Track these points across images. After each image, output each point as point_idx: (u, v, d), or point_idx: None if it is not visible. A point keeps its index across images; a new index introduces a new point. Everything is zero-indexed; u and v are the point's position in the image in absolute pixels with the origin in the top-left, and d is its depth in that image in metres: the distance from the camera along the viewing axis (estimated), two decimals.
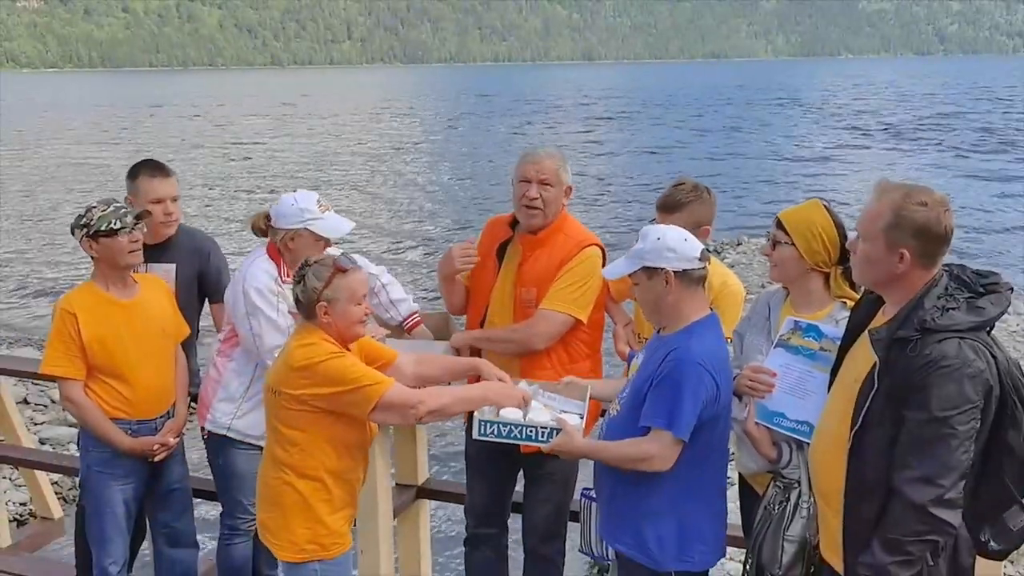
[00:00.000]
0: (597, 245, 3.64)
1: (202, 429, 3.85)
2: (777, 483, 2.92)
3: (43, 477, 5.08)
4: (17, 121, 49.65)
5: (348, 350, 3.14)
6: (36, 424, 8.38)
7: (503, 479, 3.86)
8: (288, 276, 3.63)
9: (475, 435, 3.16)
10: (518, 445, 3.53)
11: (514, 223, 3.72)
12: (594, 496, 3.47)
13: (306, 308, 3.09)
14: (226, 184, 27.16)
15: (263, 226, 3.71)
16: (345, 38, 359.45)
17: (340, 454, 3.14)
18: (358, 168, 30.73)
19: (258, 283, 3.62)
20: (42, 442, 8.03)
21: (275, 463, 3.15)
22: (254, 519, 3.83)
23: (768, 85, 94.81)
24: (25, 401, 8.69)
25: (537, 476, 3.73)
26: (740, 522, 3.29)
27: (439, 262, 3.84)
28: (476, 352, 3.69)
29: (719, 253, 14.90)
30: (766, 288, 3.30)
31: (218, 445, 3.84)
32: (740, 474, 3.25)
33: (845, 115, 50.59)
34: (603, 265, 3.64)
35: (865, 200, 2.55)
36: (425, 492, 4.29)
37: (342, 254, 3.19)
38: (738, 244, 16.24)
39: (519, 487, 3.91)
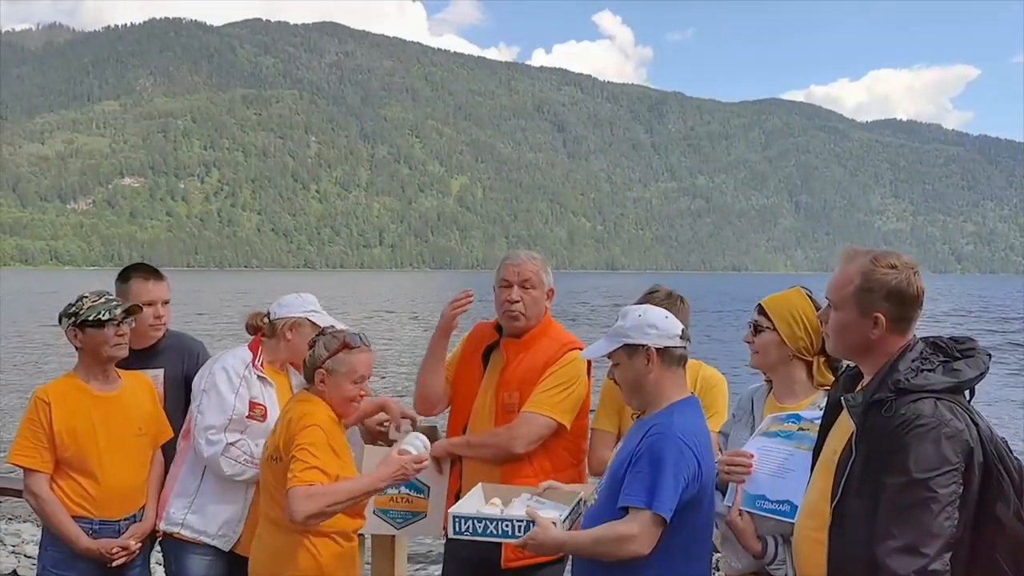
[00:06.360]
0: (582, 349, 3.58)
1: (156, 531, 3.69)
2: None
3: None
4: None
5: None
6: None
7: None
8: (263, 366, 3.67)
9: (451, 533, 2.97)
10: (499, 561, 3.38)
11: (500, 327, 3.68)
12: None
13: (308, 372, 3.23)
14: None
15: (259, 324, 3.75)
16: (377, 243, 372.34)
17: None
18: None
19: (226, 363, 3.64)
20: None
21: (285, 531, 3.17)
22: None
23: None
24: None
25: None
26: None
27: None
28: (456, 460, 3.58)
29: None
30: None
31: (171, 548, 3.68)
32: None
33: None
34: (588, 372, 3.58)
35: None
36: None
37: (356, 333, 3.25)
38: None
39: None
